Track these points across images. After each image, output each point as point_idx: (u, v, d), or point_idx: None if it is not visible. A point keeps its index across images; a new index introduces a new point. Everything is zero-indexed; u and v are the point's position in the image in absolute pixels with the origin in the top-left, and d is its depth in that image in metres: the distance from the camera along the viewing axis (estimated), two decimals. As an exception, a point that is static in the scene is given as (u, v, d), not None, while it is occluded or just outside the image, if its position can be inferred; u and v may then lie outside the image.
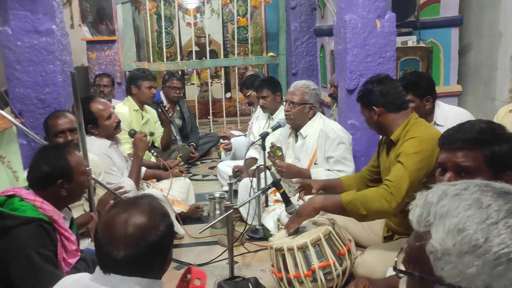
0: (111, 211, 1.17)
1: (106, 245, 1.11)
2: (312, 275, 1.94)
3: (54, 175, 1.76)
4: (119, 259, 1.09)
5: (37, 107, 2.91)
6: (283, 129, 3.04)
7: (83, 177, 1.85)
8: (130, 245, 1.10)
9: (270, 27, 6.92)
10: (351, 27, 2.97)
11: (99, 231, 1.15)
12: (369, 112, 2.16)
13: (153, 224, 1.13)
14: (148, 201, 1.20)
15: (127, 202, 1.21)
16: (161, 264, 1.17)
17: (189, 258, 2.71)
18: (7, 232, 1.62)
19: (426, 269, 0.81)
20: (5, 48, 2.83)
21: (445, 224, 0.79)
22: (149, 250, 1.11)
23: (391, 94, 2.12)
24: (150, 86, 3.97)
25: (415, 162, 1.93)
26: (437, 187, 0.86)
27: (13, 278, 1.62)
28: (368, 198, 1.96)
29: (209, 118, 6.38)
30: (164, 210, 1.20)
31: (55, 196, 1.78)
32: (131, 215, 1.13)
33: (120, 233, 1.11)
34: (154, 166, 3.53)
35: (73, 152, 1.84)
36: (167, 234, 1.16)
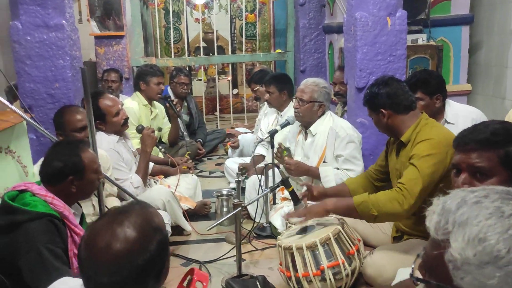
0: (94, 226, 1.05)
1: (88, 269, 1.01)
2: (321, 274, 1.94)
3: (66, 172, 1.76)
4: (104, 284, 0.99)
5: (46, 102, 2.92)
6: (292, 127, 3.02)
7: (94, 175, 1.85)
8: (113, 273, 0.98)
9: (278, 24, 6.89)
10: (362, 24, 2.95)
11: (81, 250, 1.03)
12: (378, 115, 2.15)
13: (140, 248, 1.00)
14: (137, 214, 1.06)
15: (112, 216, 1.06)
16: (156, 280, 1.06)
17: (197, 255, 2.71)
18: (18, 227, 1.63)
19: (444, 278, 0.79)
20: (15, 43, 2.83)
21: (465, 233, 0.77)
22: (137, 274, 1.00)
23: (398, 96, 2.10)
24: (158, 82, 3.98)
25: (429, 165, 1.92)
26: (455, 193, 0.84)
27: (23, 273, 1.62)
28: (380, 200, 1.95)
29: (215, 114, 6.38)
30: (155, 224, 1.07)
31: (65, 192, 1.78)
32: (115, 236, 1.00)
33: (101, 258, 0.99)
34: (162, 162, 3.53)
35: (86, 149, 1.85)
36: (158, 253, 1.03)
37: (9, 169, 2.19)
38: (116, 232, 1.00)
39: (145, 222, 1.04)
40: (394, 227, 2.26)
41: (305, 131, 2.90)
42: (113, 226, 1.01)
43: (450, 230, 0.79)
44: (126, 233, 1.00)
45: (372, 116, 2.20)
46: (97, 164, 1.88)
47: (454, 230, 0.78)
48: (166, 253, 1.08)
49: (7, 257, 1.64)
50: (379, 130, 2.24)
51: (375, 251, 2.06)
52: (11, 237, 1.63)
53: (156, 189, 2.96)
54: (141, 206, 1.11)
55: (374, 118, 2.19)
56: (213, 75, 7.05)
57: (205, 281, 2.03)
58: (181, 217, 2.95)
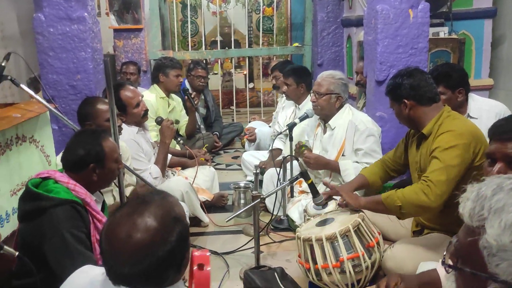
0: (114, 216, 1.04)
1: (109, 258, 1.01)
2: (341, 266, 1.93)
3: (88, 160, 1.79)
4: (125, 274, 0.98)
5: (68, 93, 2.96)
6: (310, 120, 3.01)
7: (114, 164, 1.88)
8: (134, 263, 0.98)
9: (295, 18, 6.85)
10: (383, 17, 2.91)
11: (103, 239, 1.03)
12: (400, 106, 2.12)
13: (160, 239, 1.00)
14: (157, 204, 1.05)
15: (133, 206, 1.04)
16: (176, 271, 1.05)
17: (215, 246, 2.73)
18: (44, 212, 1.66)
19: (478, 265, 0.78)
20: (39, 35, 2.87)
21: (501, 219, 0.76)
22: (158, 265, 0.99)
23: (422, 87, 2.07)
24: (177, 75, 4.01)
25: (452, 156, 1.89)
26: (490, 180, 0.83)
27: (48, 257, 1.65)
28: (405, 192, 1.96)
29: (231, 108, 6.39)
30: (175, 214, 1.06)
31: (86, 179, 1.81)
32: (134, 229, 0.99)
33: (122, 248, 0.98)
34: (180, 154, 3.56)
35: (108, 139, 1.87)
36: (179, 244, 1.02)
37: (33, 158, 2.24)
38: (136, 223, 0.99)
39: (165, 213, 1.03)
40: (414, 221, 2.24)
41: (324, 125, 2.88)
42: (133, 217, 1.01)
43: (485, 216, 0.78)
44: (146, 224, 0.99)
45: (394, 107, 2.17)
46: (117, 154, 1.90)
47: (489, 217, 0.77)
48: (186, 244, 1.07)
49: (33, 242, 1.67)
50: (400, 121, 2.22)
51: (395, 244, 2.05)
52: (37, 222, 1.67)
53: (175, 180, 2.99)
54: (161, 196, 1.09)
55: (396, 109, 2.16)
56: (229, 69, 7.06)
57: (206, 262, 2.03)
58: (199, 209, 2.97)
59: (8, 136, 2.00)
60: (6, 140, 1.98)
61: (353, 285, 1.97)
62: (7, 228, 1.95)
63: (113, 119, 2.02)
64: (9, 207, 1.97)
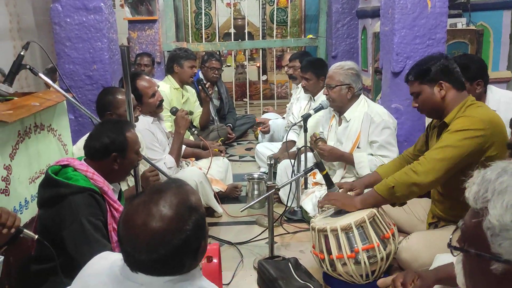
0: (132, 203, 1.06)
1: (127, 245, 1.02)
2: (355, 257, 1.93)
3: (111, 148, 1.82)
4: (142, 261, 1.00)
5: (85, 83, 2.99)
6: (325, 111, 3.00)
7: (134, 156, 1.90)
8: (151, 250, 0.99)
9: (309, 9, 6.80)
10: (400, 7, 2.87)
11: (120, 226, 1.04)
12: (432, 89, 2.01)
13: (175, 227, 1.00)
14: (173, 193, 1.05)
15: (149, 195, 1.05)
16: (193, 259, 1.06)
17: (228, 237, 2.75)
18: (63, 199, 1.69)
19: (482, 246, 0.80)
20: (56, 25, 2.90)
21: (504, 199, 0.78)
22: (173, 254, 1.00)
23: (456, 71, 2.03)
24: (192, 66, 4.01)
25: (457, 139, 1.87)
26: (496, 164, 0.85)
27: (66, 243, 1.68)
28: (396, 174, 1.98)
29: (245, 100, 6.39)
30: (191, 202, 1.06)
31: (107, 168, 1.83)
32: (151, 215, 1.00)
33: (139, 236, 1.00)
34: (194, 145, 3.58)
35: (130, 130, 1.90)
36: (194, 233, 1.03)
37: (51, 147, 2.26)
38: (152, 211, 1.01)
39: (181, 202, 1.04)
40: (431, 213, 2.22)
41: (339, 117, 2.87)
42: (149, 205, 1.02)
43: (489, 198, 0.80)
44: (162, 212, 1.00)
45: (424, 90, 2.03)
46: (138, 145, 1.93)
47: (493, 198, 0.79)
48: (202, 233, 1.07)
49: (52, 228, 1.70)
50: (424, 107, 2.08)
51: (411, 236, 2.03)
52: (57, 209, 1.69)
53: (189, 170, 3.01)
54: (177, 185, 1.09)
55: (426, 93, 2.03)
56: (242, 61, 7.05)
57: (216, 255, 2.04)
58: (213, 199, 2.99)
59: (27, 124, 2.02)
60: (25, 128, 2.01)
61: (368, 276, 1.97)
62: (26, 214, 1.98)
63: (129, 108, 2.04)
64: (28, 195, 2.00)
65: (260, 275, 2.21)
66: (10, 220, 1.35)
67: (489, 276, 0.79)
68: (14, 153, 1.91)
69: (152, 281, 1.02)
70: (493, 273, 0.78)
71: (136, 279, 1.03)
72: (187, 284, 1.05)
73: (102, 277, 1.08)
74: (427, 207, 2.30)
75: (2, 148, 1.81)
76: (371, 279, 1.98)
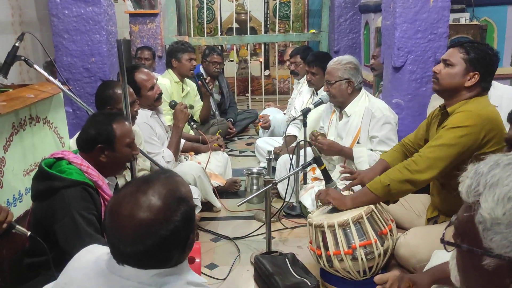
0: (119, 193, 1.03)
1: (112, 236, 0.99)
2: (353, 253, 1.90)
3: (97, 140, 1.79)
4: (128, 252, 0.97)
5: (83, 76, 2.97)
6: (326, 106, 2.97)
7: (126, 149, 1.86)
8: (136, 242, 0.96)
9: (312, 4, 6.75)
10: (402, 1, 2.83)
11: (106, 216, 1.01)
12: (466, 72, 1.90)
13: (163, 218, 0.97)
14: (162, 183, 1.02)
15: (137, 185, 1.02)
16: (181, 252, 1.03)
17: (226, 231, 2.73)
18: (56, 193, 1.67)
19: (474, 241, 0.79)
20: (54, 17, 2.88)
21: (495, 193, 0.76)
22: (160, 246, 0.97)
23: (492, 77, 1.97)
24: (190, 58, 3.97)
25: (454, 136, 1.84)
26: (489, 158, 0.84)
27: (58, 237, 1.67)
28: (389, 172, 1.95)
29: (247, 95, 6.36)
30: (180, 193, 1.03)
31: (95, 160, 1.81)
32: (136, 207, 0.97)
33: (124, 228, 0.97)
34: (193, 140, 3.55)
35: (122, 122, 1.86)
36: (182, 224, 1.00)
37: (47, 139, 2.25)
38: (139, 201, 0.98)
39: (169, 192, 1.01)
40: (430, 207, 2.19)
41: (340, 111, 2.83)
42: (137, 195, 0.99)
43: (481, 191, 0.79)
44: (150, 202, 0.98)
45: (460, 66, 1.91)
46: (131, 138, 1.88)
47: (484, 192, 0.78)
48: (191, 225, 1.04)
49: (45, 222, 1.69)
50: (443, 81, 1.96)
51: (409, 232, 2.01)
52: (49, 202, 1.68)
53: (188, 165, 2.99)
54: (166, 176, 1.06)
55: (459, 70, 1.91)
56: (245, 56, 7.01)
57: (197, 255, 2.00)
58: (211, 194, 2.96)
59: (21, 116, 2.01)
60: (20, 120, 2.00)
61: (365, 272, 1.95)
62: (20, 207, 1.97)
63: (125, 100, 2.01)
64: (22, 187, 1.99)
65: (256, 271, 2.19)
66: (2, 215, 1.33)
67: (482, 272, 0.78)
68: (8, 145, 1.89)
69: (138, 275, 0.99)
70: (485, 268, 0.77)
71: (122, 273, 1.00)
72: (175, 277, 1.02)
73: (86, 270, 1.05)
74: (426, 203, 2.27)
75: (-5, 140, 1.80)
76: (368, 275, 1.96)
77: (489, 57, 1.92)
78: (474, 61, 1.90)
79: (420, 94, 3.00)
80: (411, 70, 2.95)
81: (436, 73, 1.99)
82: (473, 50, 1.91)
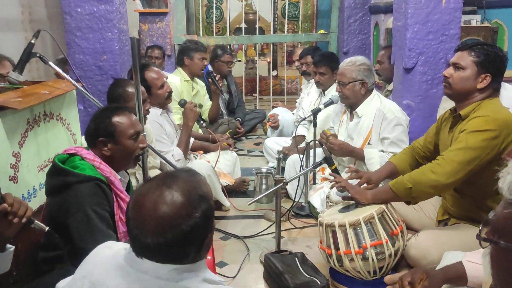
0: (143, 187, 1.06)
1: (134, 228, 1.01)
2: (363, 253, 1.91)
3: (97, 133, 1.81)
4: (148, 245, 0.99)
5: (94, 74, 2.99)
6: (336, 106, 2.97)
7: (129, 141, 1.84)
8: (157, 234, 0.98)
9: (321, 4, 6.75)
10: (414, 2, 2.83)
11: (130, 209, 1.04)
12: (478, 75, 1.91)
13: (185, 213, 1.00)
14: (186, 180, 1.05)
15: (161, 179, 1.06)
16: (198, 249, 1.04)
17: (235, 230, 2.74)
18: (69, 188, 1.68)
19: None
20: (67, 15, 2.90)
21: None
22: (179, 240, 0.99)
23: (502, 77, 1.96)
24: (202, 58, 4.00)
25: (476, 140, 1.84)
26: None
27: (71, 231, 1.68)
28: (413, 174, 1.94)
29: (254, 96, 6.37)
30: (202, 192, 1.05)
31: (100, 154, 1.81)
32: (161, 200, 1.00)
33: (147, 219, 0.99)
34: (202, 138, 3.57)
35: (123, 115, 1.85)
36: (202, 222, 1.02)
37: (60, 136, 2.27)
38: (163, 194, 1.00)
39: (192, 189, 1.03)
40: (441, 209, 2.19)
41: (350, 112, 2.83)
42: (161, 188, 1.02)
43: None
44: (173, 196, 1.00)
45: (472, 70, 1.92)
46: (133, 130, 1.85)
47: None
48: (210, 224, 1.06)
49: (58, 217, 1.70)
50: (455, 85, 1.96)
51: (420, 233, 2.01)
52: (63, 197, 1.69)
53: (197, 163, 3.00)
54: (190, 173, 1.09)
55: (471, 73, 1.92)
56: (252, 56, 7.02)
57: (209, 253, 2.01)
58: (220, 192, 2.97)
59: (36, 112, 2.03)
60: (35, 116, 2.01)
61: (375, 272, 1.95)
62: (35, 202, 1.98)
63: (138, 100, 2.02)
64: (36, 183, 2.01)
65: (266, 269, 2.20)
66: (22, 209, 1.34)
67: None
68: (23, 140, 1.91)
69: (156, 269, 1.00)
70: None
71: (140, 267, 1.01)
72: (193, 274, 1.03)
73: (105, 265, 1.06)
74: (437, 205, 2.27)
75: (11, 135, 1.81)
76: (378, 275, 1.96)
77: (499, 58, 1.92)
78: (485, 63, 1.91)
79: (430, 96, 2.99)
80: (422, 71, 2.95)
81: (447, 78, 1.99)
82: (482, 52, 1.92)
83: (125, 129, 1.83)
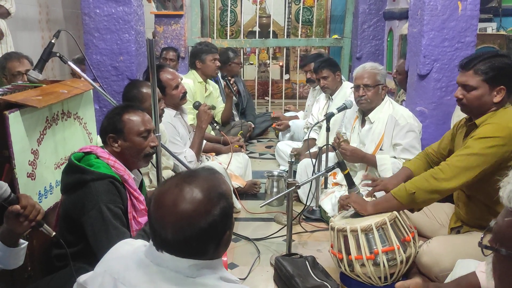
0: (165, 183, 1.08)
1: (155, 223, 1.04)
2: (375, 258, 1.91)
3: (107, 130, 1.85)
4: (168, 240, 1.02)
5: (111, 74, 3.03)
6: (349, 111, 2.97)
7: (138, 139, 1.86)
8: (177, 229, 1.01)
9: (335, 9, 6.76)
10: (430, 8, 2.82)
11: (152, 204, 1.07)
12: (491, 90, 1.88)
13: (205, 209, 1.02)
14: (206, 178, 1.07)
15: (182, 177, 1.08)
16: (216, 246, 1.06)
17: (246, 232, 2.75)
18: (84, 185, 1.71)
19: None
20: (86, 15, 2.95)
21: None
22: (198, 236, 1.02)
23: None
24: (214, 59, 4.02)
25: (483, 146, 1.83)
26: None
27: (85, 229, 1.70)
28: (415, 180, 1.95)
29: (266, 99, 6.39)
30: (221, 190, 1.07)
31: (111, 151, 1.84)
32: (181, 196, 1.02)
33: (167, 214, 1.02)
34: (214, 140, 3.59)
35: (134, 113, 1.88)
36: (221, 219, 1.04)
37: (77, 134, 2.30)
38: (183, 192, 1.03)
39: (212, 187, 1.05)
40: (454, 217, 2.18)
41: (363, 118, 2.83)
42: (181, 186, 1.04)
43: None
44: (193, 193, 1.02)
45: (483, 88, 1.88)
46: (143, 127, 1.87)
47: None
48: (229, 222, 1.08)
49: (73, 214, 1.73)
50: (470, 105, 1.93)
51: (432, 240, 2.00)
52: (78, 194, 1.72)
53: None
54: (210, 172, 1.11)
55: (483, 91, 1.88)
56: (265, 60, 7.05)
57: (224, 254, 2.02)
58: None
59: (54, 111, 2.06)
60: (53, 114, 2.05)
61: (386, 278, 1.95)
62: (51, 199, 2.02)
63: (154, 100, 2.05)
64: (53, 180, 2.04)
65: (276, 272, 2.21)
66: (33, 214, 1.39)
67: None
68: (41, 138, 1.95)
69: (176, 264, 1.03)
70: None
71: (160, 262, 1.04)
72: (211, 271, 1.06)
73: (126, 260, 1.09)
74: (449, 212, 2.26)
75: (30, 133, 1.85)
76: (389, 281, 1.96)
77: (508, 66, 1.88)
78: (495, 77, 1.87)
79: (444, 103, 2.98)
80: (437, 78, 2.94)
81: (461, 99, 1.95)
82: (489, 66, 1.87)
83: (134, 126, 1.86)
